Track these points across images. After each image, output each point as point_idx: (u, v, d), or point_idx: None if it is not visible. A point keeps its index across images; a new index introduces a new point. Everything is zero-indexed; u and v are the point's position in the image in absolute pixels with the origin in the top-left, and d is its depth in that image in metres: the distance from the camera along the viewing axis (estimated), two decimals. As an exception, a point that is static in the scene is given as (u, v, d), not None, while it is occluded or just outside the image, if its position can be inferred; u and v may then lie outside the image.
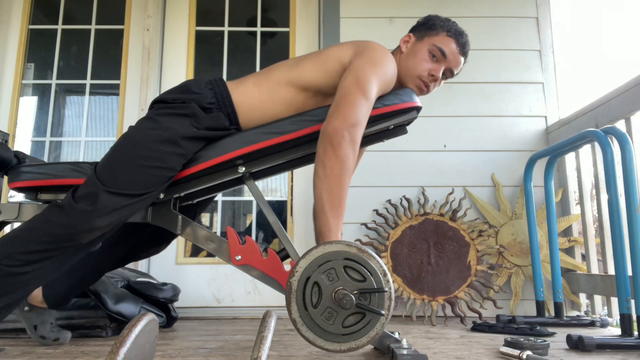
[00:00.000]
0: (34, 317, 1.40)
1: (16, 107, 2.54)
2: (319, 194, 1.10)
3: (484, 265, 2.14)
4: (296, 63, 1.32)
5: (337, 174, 1.10)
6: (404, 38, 1.39)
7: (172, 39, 2.63)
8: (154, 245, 1.51)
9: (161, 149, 1.15)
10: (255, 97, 1.28)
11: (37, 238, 1.09)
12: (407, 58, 1.35)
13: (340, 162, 1.10)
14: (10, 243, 1.09)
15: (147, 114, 1.24)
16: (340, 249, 1.00)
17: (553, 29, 2.55)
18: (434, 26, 1.36)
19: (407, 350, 1.12)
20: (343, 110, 1.13)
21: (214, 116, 1.23)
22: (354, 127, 1.13)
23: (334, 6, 2.53)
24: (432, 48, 1.33)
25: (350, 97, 1.15)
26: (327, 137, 1.12)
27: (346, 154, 1.11)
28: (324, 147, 1.12)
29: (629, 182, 1.54)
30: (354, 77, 1.19)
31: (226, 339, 1.57)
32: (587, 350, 1.37)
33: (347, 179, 1.12)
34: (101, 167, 1.15)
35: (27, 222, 1.13)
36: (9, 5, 2.63)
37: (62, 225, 1.09)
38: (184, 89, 1.26)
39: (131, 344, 0.72)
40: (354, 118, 1.13)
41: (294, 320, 1.00)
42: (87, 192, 1.11)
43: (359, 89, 1.17)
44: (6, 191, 2.09)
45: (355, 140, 1.13)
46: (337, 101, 1.17)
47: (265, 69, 1.35)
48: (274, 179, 2.66)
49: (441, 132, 2.44)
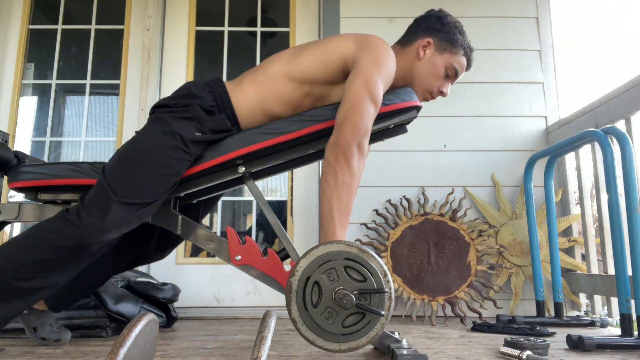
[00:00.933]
0: (32, 319, 1.40)
1: (16, 107, 2.54)
2: (328, 202, 1.09)
3: (484, 265, 2.13)
4: (294, 55, 1.29)
5: (349, 183, 1.10)
6: (423, 42, 1.34)
7: (172, 39, 2.63)
8: (160, 250, 1.50)
9: (171, 155, 1.14)
10: (253, 97, 1.26)
11: (47, 248, 1.09)
12: (423, 66, 1.34)
13: (352, 172, 1.10)
14: (20, 252, 1.09)
15: (150, 118, 1.23)
16: (341, 248, 1.00)
17: (553, 29, 2.55)
18: (456, 42, 1.34)
19: (407, 350, 1.12)
20: (355, 121, 1.12)
21: (216, 118, 1.22)
22: (364, 137, 1.13)
23: (334, 6, 2.53)
24: (449, 67, 1.34)
25: (360, 104, 1.14)
26: (340, 148, 1.11)
27: (358, 165, 1.12)
28: (336, 157, 1.11)
29: (629, 182, 1.54)
30: (362, 82, 1.16)
31: (226, 339, 1.57)
32: (587, 350, 1.37)
33: (356, 190, 1.13)
34: (111, 175, 1.13)
35: (35, 231, 1.12)
36: (9, 5, 2.63)
37: (72, 238, 1.08)
38: (184, 92, 1.25)
39: (131, 344, 0.72)
40: (364, 128, 1.13)
41: (294, 320, 1.00)
42: (99, 204, 1.10)
43: (368, 95, 1.15)
44: (6, 191, 2.09)
45: (364, 150, 1.14)
46: (346, 108, 1.15)
47: (262, 64, 1.33)
48: (274, 179, 2.66)
49: (441, 132, 2.44)
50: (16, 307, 1.11)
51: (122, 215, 1.10)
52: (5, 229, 2.30)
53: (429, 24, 1.36)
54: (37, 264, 1.09)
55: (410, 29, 1.41)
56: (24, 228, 2.62)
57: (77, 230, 1.08)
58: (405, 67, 1.34)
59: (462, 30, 1.37)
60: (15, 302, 1.10)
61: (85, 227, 1.08)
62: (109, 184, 1.11)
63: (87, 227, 1.08)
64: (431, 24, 1.36)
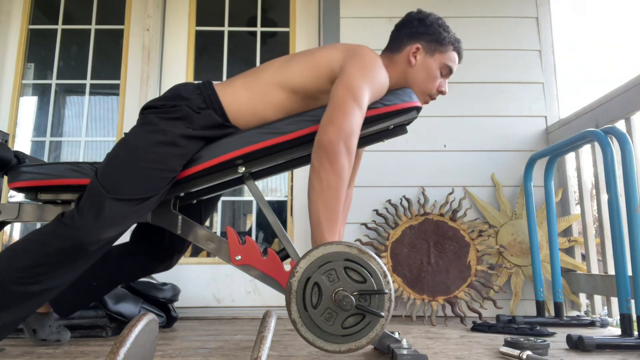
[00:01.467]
0: (32, 321, 1.40)
1: (16, 107, 2.54)
2: (315, 208, 1.09)
3: (484, 265, 2.14)
4: (286, 64, 1.29)
5: (334, 187, 1.08)
6: (412, 49, 1.34)
7: (172, 39, 2.63)
8: (167, 258, 1.49)
9: (161, 151, 1.15)
10: (244, 99, 1.27)
11: (46, 252, 1.09)
12: (417, 72, 1.34)
13: (337, 174, 1.09)
14: (19, 257, 1.09)
15: (139, 120, 1.23)
16: (341, 249, 1.00)
17: (553, 29, 2.55)
18: (444, 41, 1.34)
19: (407, 350, 1.12)
20: (337, 121, 1.12)
21: (204, 114, 1.22)
22: (349, 137, 1.11)
23: (334, 6, 2.53)
24: (443, 66, 1.35)
25: (344, 106, 1.13)
26: (323, 148, 1.10)
27: (343, 166, 1.09)
28: (319, 159, 1.10)
29: (629, 182, 1.54)
30: (345, 86, 1.17)
31: (226, 339, 1.57)
32: (587, 350, 1.37)
33: (344, 191, 1.10)
34: (103, 176, 1.14)
35: (33, 235, 1.13)
36: (9, 5, 2.62)
37: (69, 238, 1.09)
38: (173, 94, 1.25)
39: (131, 344, 0.72)
40: (348, 128, 1.11)
41: (294, 321, 1.00)
42: (92, 203, 1.11)
43: (351, 97, 1.15)
44: (6, 191, 2.10)
45: (350, 150, 1.11)
46: (330, 111, 1.15)
47: (254, 69, 1.33)
48: (274, 179, 2.66)
49: (441, 132, 2.44)
50: (20, 312, 1.11)
51: (116, 211, 1.10)
52: (5, 229, 2.30)
53: (413, 29, 1.36)
54: (37, 268, 1.09)
55: (394, 36, 1.40)
56: (24, 228, 2.62)
57: (74, 231, 1.08)
58: (399, 76, 1.34)
59: (446, 25, 1.37)
60: (18, 307, 1.10)
61: (81, 227, 1.08)
62: (101, 184, 1.12)
63: (82, 227, 1.08)
64: (415, 29, 1.35)
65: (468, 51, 2.42)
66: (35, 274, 1.09)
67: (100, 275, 1.43)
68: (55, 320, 1.45)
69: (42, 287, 1.11)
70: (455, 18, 2.51)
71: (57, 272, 1.11)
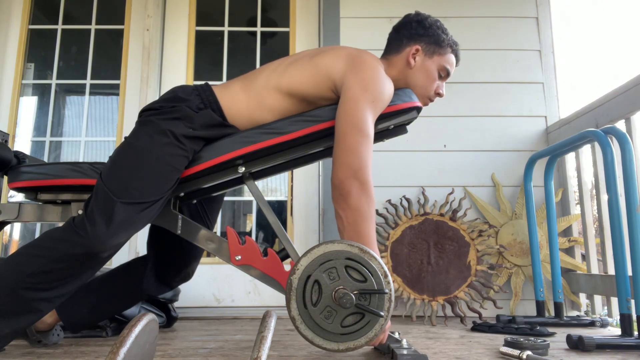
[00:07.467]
0: (40, 335, 1.39)
1: (16, 107, 2.54)
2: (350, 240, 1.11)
3: (484, 265, 2.14)
4: (285, 68, 1.28)
5: (353, 222, 1.10)
6: (412, 50, 1.34)
7: (172, 39, 2.63)
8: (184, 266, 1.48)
9: (166, 151, 1.14)
10: (242, 102, 1.27)
11: (57, 258, 1.08)
12: (416, 74, 1.34)
13: (354, 210, 1.10)
14: (28, 262, 1.08)
15: (138, 122, 1.22)
16: (342, 248, 1.00)
17: (553, 29, 2.55)
18: (442, 43, 1.35)
19: (407, 350, 1.11)
20: (345, 160, 1.12)
21: (204, 113, 1.22)
22: (359, 171, 1.11)
23: (334, 6, 2.53)
24: (441, 68, 1.35)
25: (348, 140, 1.13)
26: (336, 189, 1.12)
27: (358, 201, 1.10)
28: (336, 199, 1.13)
29: (629, 182, 1.54)
30: (347, 117, 1.15)
31: (226, 339, 1.57)
32: (587, 350, 1.37)
33: (368, 223, 1.11)
34: (109, 180, 1.12)
35: (42, 241, 1.11)
36: (9, 5, 2.63)
37: (81, 246, 1.07)
38: (171, 95, 1.25)
39: (131, 344, 0.72)
40: (357, 164, 1.11)
41: (293, 318, 1.00)
42: (102, 208, 1.09)
43: (354, 130, 1.13)
44: (6, 191, 2.09)
45: (365, 182, 1.11)
46: (336, 150, 1.14)
47: (252, 72, 1.33)
48: (274, 179, 2.66)
49: (441, 132, 2.44)
50: (29, 318, 1.11)
51: (127, 216, 1.10)
52: (5, 229, 2.30)
53: (412, 31, 1.36)
54: (48, 274, 1.08)
55: (392, 38, 1.39)
56: (24, 228, 2.62)
57: (86, 240, 1.07)
58: (398, 78, 1.34)
59: (444, 28, 1.38)
60: (27, 313, 1.09)
61: (93, 235, 1.07)
62: (109, 188, 1.10)
63: (95, 235, 1.07)
64: (414, 31, 1.36)
65: (468, 51, 2.43)
66: (47, 280, 1.08)
67: (123, 293, 1.44)
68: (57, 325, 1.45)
69: (52, 293, 1.10)
70: (455, 18, 2.51)
71: (68, 279, 1.11)
